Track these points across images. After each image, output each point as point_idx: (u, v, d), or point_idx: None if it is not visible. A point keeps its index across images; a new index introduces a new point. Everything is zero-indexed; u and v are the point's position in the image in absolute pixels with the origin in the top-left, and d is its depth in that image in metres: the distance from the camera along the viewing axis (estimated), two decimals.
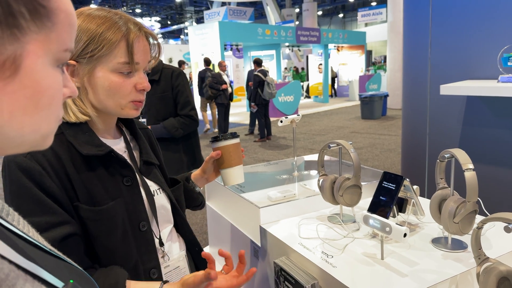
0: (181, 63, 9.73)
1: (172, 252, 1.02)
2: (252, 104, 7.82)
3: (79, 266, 0.50)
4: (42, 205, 0.76)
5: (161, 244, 0.97)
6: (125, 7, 25.96)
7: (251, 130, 8.63)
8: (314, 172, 1.87)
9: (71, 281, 0.40)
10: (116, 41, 0.80)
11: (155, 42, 0.90)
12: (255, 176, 2.01)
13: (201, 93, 8.69)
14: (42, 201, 0.76)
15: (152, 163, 1.01)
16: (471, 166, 1.02)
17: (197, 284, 0.80)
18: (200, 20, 26.98)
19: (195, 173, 1.21)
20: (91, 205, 0.83)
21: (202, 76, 8.68)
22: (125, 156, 0.94)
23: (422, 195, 2.36)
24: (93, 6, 0.89)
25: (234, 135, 1.15)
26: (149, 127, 1.49)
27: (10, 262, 0.36)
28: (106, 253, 0.85)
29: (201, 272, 0.81)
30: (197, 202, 1.22)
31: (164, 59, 15.11)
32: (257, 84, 7.59)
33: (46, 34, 0.38)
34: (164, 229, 1.01)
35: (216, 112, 8.75)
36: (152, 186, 0.98)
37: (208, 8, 21.67)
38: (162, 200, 1.00)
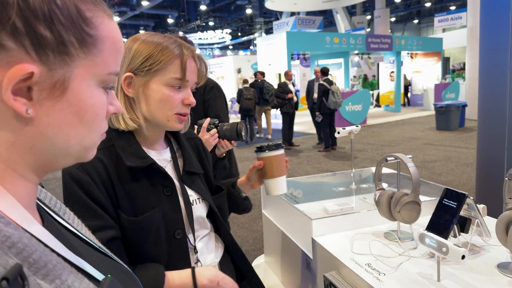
0: (257, 74, 9.88)
1: (206, 260, 1.07)
2: (317, 113, 7.75)
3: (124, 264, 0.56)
4: (90, 211, 0.85)
5: (196, 251, 1.03)
6: (198, 21, 27.33)
7: (321, 139, 8.53)
8: (373, 185, 1.81)
9: (109, 275, 0.45)
10: (172, 58, 0.90)
11: (204, 64, 0.99)
12: (312, 186, 1.99)
13: (258, 102, 9.07)
14: (90, 208, 0.85)
15: (195, 173, 1.06)
16: None
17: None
18: (269, 31, 27.45)
19: (241, 180, 1.26)
20: (131, 214, 0.91)
21: (260, 86, 8.97)
22: (170, 165, 1.01)
23: (497, 216, 2.16)
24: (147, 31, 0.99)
25: (279, 146, 1.16)
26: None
27: (59, 255, 0.41)
28: (139, 256, 0.92)
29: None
30: (243, 207, 1.27)
31: (233, 69, 15.66)
32: (321, 93, 7.52)
33: (92, 60, 0.43)
34: (200, 237, 1.06)
35: (271, 119, 8.93)
36: (193, 195, 1.04)
37: (277, 19, 21.99)
38: (200, 210, 1.05)
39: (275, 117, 10.80)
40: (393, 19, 28.94)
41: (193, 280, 0.92)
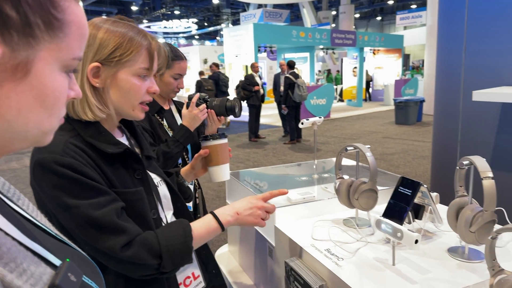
0: (212, 65, 9.88)
1: None
2: (283, 106, 7.82)
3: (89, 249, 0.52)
4: (94, 189, 0.84)
5: None
6: (164, 9, 26.68)
7: (287, 132, 8.61)
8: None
9: (68, 260, 0.44)
10: (141, 49, 0.90)
11: (165, 53, 1.00)
12: (276, 177, 2.02)
13: (216, 94, 9.10)
14: (93, 186, 0.84)
15: (152, 157, 1.09)
16: (490, 174, 0.99)
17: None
18: (236, 22, 27.26)
19: (184, 169, 1.30)
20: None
21: (215, 78, 9.14)
22: None
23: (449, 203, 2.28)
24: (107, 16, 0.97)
25: (222, 136, 1.23)
26: None
27: (13, 239, 0.40)
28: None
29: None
30: (187, 194, 1.30)
31: (199, 60, 15.46)
32: (287, 86, 7.58)
33: (57, 44, 0.43)
34: (168, 216, 1.09)
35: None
36: (155, 178, 1.06)
37: (244, 10, 21.88)
38: (164, 190, 1.08)
39: (242, 110, 10.78)
40: (357, 15, 29.55)
41: (218, 221, 1.00)
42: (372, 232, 1.27)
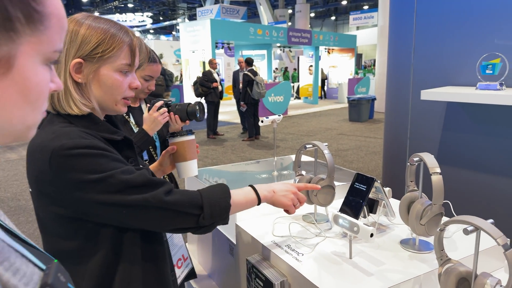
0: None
1: None
2: (242, 103, 7.83)
3: None
4: (119, 160, 0.88)
5: None
6: (116, 1, 25.73)
7: (245, 129, 8.63)
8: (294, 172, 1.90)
9: (55, 260, 0.44)
10: (123, 45, 0.91)
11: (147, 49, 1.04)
12: (236, 174, 2.02)
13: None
14: (117, 158, 0.88)
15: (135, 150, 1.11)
16: (438, 170, 1.05)
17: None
18: (192, 17, 26.86)
19: (152, 165, 1.31)
20: None
21: (161, 73, 8.90)
22: None
23: (401, 198, 2.40)
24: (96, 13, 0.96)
25: (190, 133, 1.26)
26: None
27: (2, 240, 0.40)
28: None
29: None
30: None
31: None
32: (246, 83, 7.60)
33: (38, 37, 0.42)
34: None
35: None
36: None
37: (201, 5, 21.60)
38: None
39: None
40: (312, 14, 30.16)
41: (256, 193, 1.06)
42: (330, 227, 1.31)
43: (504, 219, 2.14)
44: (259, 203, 1.07)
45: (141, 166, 1.07)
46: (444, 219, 1.14)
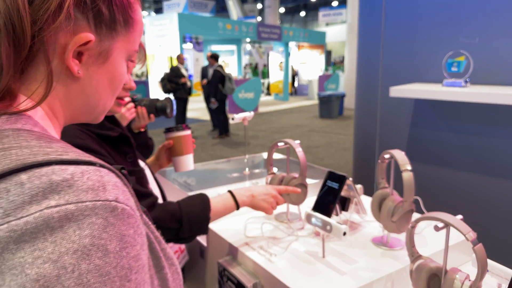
0: None
1: None
2: (212, 99, 7.73)
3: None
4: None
5: None
6: None
7: (215, 126, 8.53)
8: (266, 171, 1.87)
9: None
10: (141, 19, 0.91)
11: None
12: (206, 173, 1.98)
13: None
14: (107, 162, 0.87)
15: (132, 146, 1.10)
16: (408, 167, 1.05)
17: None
18: (159, 11, 26.31)
19: (149, 160, 1.33)
20: None
21: None
22: None
23: (371, 194, 2.43)
24: None
25: (186, 127, 1.30)
26: None
27: None
28: None
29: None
30: None
31: None
32: (217, 79, 7.51)
33: (128, 37, 0.52)
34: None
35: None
36: (141, 162, 1.10)
37: None
38: (149, 174, 1.14)
39: None
40: (282, 10, 30.27)
41: (234, 200, 1.10)
42: (302, 226, 1.30)
43: (471, 213, 2.21)
44: (238, 209, 1.10)
45: (139, 160, 1.06)
46: (415, 215, 1.14)
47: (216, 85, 7.54)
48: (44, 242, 0.32)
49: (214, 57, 7.67)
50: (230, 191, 1.11)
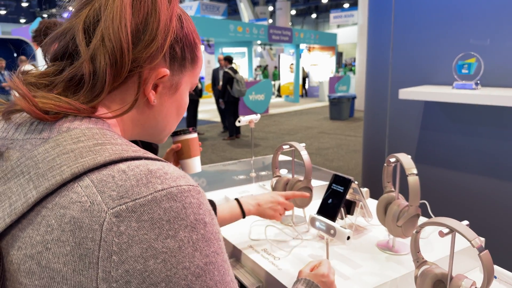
0: None
1: None
2: (220, 100, 7.77)
3: None
4: None
5: None
6: None
7: (226, 127, 8.57)
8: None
9: None
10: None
11: None
12: (213, 175, 1.99)
13: None
14: None
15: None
16: (414, 171, 1.04)
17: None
18: None
19: None
20: None
21: None
22: None
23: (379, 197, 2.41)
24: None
25: (193, 130, 1.33)
26: None
27: None
28: None
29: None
30: None
31: None
32: (226, 81, 7.54)
33: (193, 72, 0.60)
34: None
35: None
36: None
37: (181, 2, 21.30)
38: None
39: None
40: (293, 12, 30.24)
41: (241, 208, 1.12)
42: (307, 229, 1.29)
43: (480, 218, 2.17)
44: (244, 217, 1.11)
45: None
46: (421, 219, 1.13)
47: (225, 86, 7.58)
48: (160, 221, 0.40)
49: (227, 59, 7.71)
50: (237, 199, 1.13)
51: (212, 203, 1.08)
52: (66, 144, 0.44)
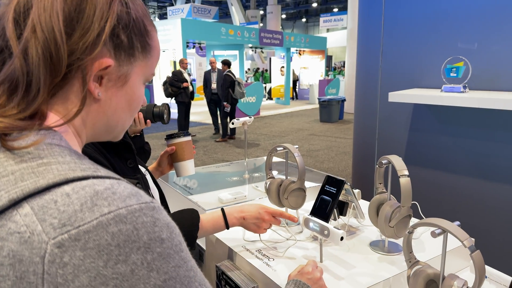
0: None
1: None
2: (225, 103, 7.78)
3: None
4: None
5: None
6: None
7: (217, 129, 8.59)
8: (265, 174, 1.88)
9: None
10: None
11: None
12: (206, 177, 1.99)
13: None
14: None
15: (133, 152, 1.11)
16: (406, 172, 1.06)
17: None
18: (163, 16, 26.47)
19: (151, 166, 1.34)
20: None
21: None
22: None
23: (370, 198, 2.43)
24: None
25: (187, 133, 1.33)
26: None
27: None
28: None
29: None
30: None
31: None
32: (228, 84, 7.59)
33: (145, 62, 0.55)
34: None
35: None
36: (142, 168, 1.10)
37: (171, 4, 21.32)
38: (150, 180, 1.14)
39: (170, 106, 10.52)
40: (284, 16, 30.37)
41: (225, 220, 1.11)
42: (301, 230, 1.30)
43: (470, 218, 2.21)
44: (227, 229, 1.13)
45: (139, 166, 1.06)
46: (412, 220, 1.15)
47: (227, 89, 7.62)
48: (108, 246, 0.37)
49: (225, 63, 7.77)
50: (222, 210, 1.13)
51: (194, 214, 1.08)
52: (7, 165, 0.40)
